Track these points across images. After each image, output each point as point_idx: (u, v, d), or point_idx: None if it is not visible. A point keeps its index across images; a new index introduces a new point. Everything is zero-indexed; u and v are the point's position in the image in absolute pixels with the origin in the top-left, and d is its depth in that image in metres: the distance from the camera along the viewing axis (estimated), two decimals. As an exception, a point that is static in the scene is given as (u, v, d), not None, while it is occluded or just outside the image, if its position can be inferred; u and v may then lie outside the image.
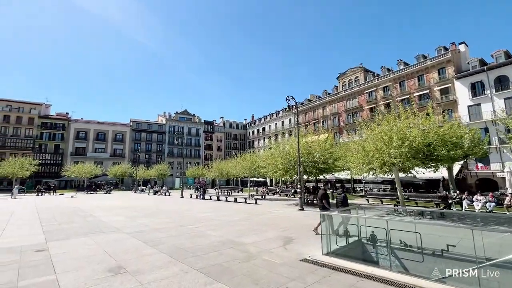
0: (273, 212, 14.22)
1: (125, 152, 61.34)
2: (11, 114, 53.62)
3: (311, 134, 20.85)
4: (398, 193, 13.84)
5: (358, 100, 50.22)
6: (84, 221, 10.78)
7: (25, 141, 53.56)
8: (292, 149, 18.06)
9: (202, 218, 11.79)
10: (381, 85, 46.23)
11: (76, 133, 57.80)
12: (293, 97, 16.50)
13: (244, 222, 10.63)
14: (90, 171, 43.07)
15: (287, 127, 65.59)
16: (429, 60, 39.80)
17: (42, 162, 51.85)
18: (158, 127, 67.58)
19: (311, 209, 15.82)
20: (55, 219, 11.54)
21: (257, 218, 12.00)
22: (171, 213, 14.00)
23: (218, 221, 11.04)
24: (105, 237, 7.73)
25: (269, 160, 19.36)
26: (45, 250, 6.19)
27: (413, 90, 41.11)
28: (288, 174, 18.49)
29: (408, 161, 12.15)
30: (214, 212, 14.19)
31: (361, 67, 51.97)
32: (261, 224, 10.09)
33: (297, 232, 8.45)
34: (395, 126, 12.71)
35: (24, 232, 8.50)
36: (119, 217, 12.00)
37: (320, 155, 17.31)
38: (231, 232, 8.49)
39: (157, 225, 9.93)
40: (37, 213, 13.60)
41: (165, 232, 8.56)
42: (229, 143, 79.19)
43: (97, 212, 14.00)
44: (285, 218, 12.00)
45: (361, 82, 51.01)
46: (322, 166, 17.40)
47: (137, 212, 14.06)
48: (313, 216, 12.57)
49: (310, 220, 11.15)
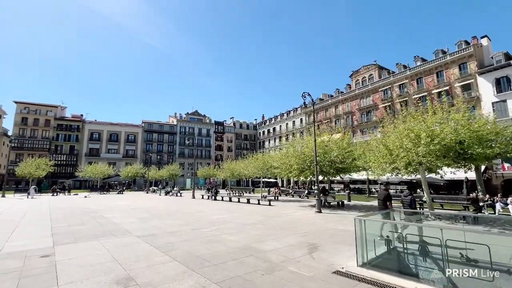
0: (289, 215, 13.48)
1: (137, 153, 62.01)
2: (29, 116, 55.19)
3: (327, 133, 19.92)
4: (426, 195, 12.80)
5: (373, 98, 48.64)
6: (94, 223, 10.42)
7: (42, 143, 55.00)
8: (308, 148, 17.25)
9: (216, 221, 11.21)
10: (397, 83, 44.55)
11: (90, 134, 58.89)
12: (309, 94, 15.72)
13: (260, 226, 9.96)
14: (103, 171, 43.59)
15: (299, 127, 64.49)
16: (449, 55, 37.91)
17: (57, 163, 53.06)
18: (169, 128, 68.02)
19: (329, 211, 14.98)
20: (66, 220, 11.25)
21: (273, 221, 11.31)
22: (183, 214, 13.51)
23: (233, 224, 10.42)
24: (115, 241, 7.25)
25: (282, 159, 18.60)
26: (51, 256, 5.73)
27: (432, 87, 39.32)
28: (303, 174, 17.69)
29: (438, 160, 11.15)
30: (228, 214, 13.59)
31: (375, 64, 50.36)
32: (278, 228, 9.39)
33: (320, 238, 7.70)
34: (423, 122, 11.72)
35: (33, 235, 8.16)
36: (130, 219, 11.59)
37: (338, 154, 16.41)
38: (249, 237, 7.84)
39: (170, 227, 9.41)
40: (49, 214, 13.43)
41: (178, 236, 8.01)
42: (239, 144, 78.82)
43: (108, 213, 13.69)
44: (303, 221, 11.24)
45: (375, 79, 49.42)
46: (340, 166, 16.49)
47: (148, 214, 13.65)
48: (333, 219, 11.76)
49: (330, 224, 10.36)
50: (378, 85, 47.56)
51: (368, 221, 5.18)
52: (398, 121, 13.65)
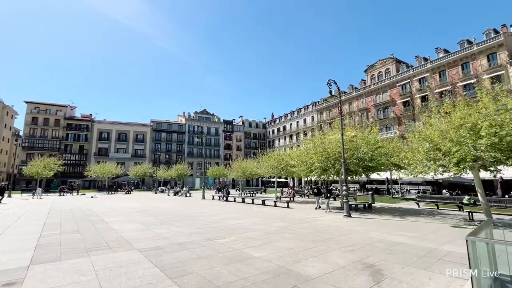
0: (316, 220, 11.64)
1: (146, 152, 61.23)
2: (39, 116, 55.10)
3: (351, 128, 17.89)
4: (480, 197, 10.70)
5: (390, 93, 46.05)
6: (91, 230, 8.86)
7: (52, 142, 54.83)
8: (332, 144, 15.33)
9: (234, 227, 9.50)
10: (417, 77, 41.87)
11: (99, 133, 58.42)
12: (334, 81, 13.83)
13: (288, 235, 8.17)
14: (111, 171, 42.69)
15: (310, 125, 62.30)
16: (476, 45, 35.09)
17: (67, 162, 52.71)
18: (178, 127, 67.02)
19: (358, 215, 13.06)
20: (60, 226, 9.76)
21: (301, 228, 9.50)
22: (194, 219, 11.86)
23: (254, 232, 8.68)
24: (109, 257, 5.61)
25: (302, 157, 16.72)
26: (16, 284, 4.12)
27: (456, 80, 36.57)
28: (326, 173, 15.78)
29: (502, 154, 9.11)
30: (245, 219, 11.86)
31: (392, 57, 47.68)
32: (313, 239, 7.58)
33: (375, 255, 5.86)
34: (483, 110, 9.67)
35: (12, 246, 6.64)
36: (133, 225, 10.01)
37: (367, 150, 14.44)
38: (281, 253, 6.07)
39: (179, 237, 7.75)
40: (45, 217, 12.04)
41: (190, 249, 6.32)
42: (248, 143, 77.17)
43: (111, 217, 12.18)
44: (337, 229, 9.39)
45: (392, 74, 46.81)
46: (369, 164, 14.50)
47: (155, 218, 12.07)
48: (370, 226, 9.84)
49: (372, 233, 8.47)
50: (395, 79, 44.97)
51: (497, 244, 3.26)
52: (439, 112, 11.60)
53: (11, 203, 19.88)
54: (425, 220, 11.74)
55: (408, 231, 8.90)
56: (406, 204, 20.62)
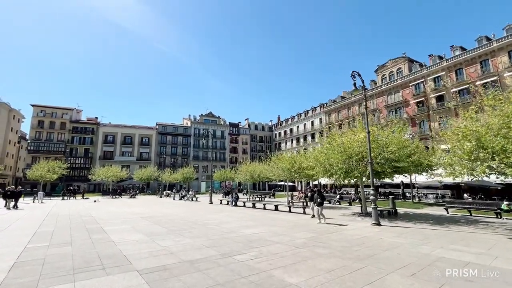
0: (344, 230, 10.15)
1: (151, 156, 60.35)
2: (45, 119, 54.79)
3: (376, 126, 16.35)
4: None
5: (402, 94, 44.33)
6: (85, 242, 7.56)
7: (58, 146, 54.35)
8: (356, 142, 13.86)
9: (251, 238, 8.10)
10: (431, 76, 40.10)
11: (105, 137, 57.82)
12: (359, 73, 12.45)
13: (321, 250, 6.73)
14: (116, 174, 41.71)
15: (318, 127, 60.70)
16: (496, 41, 33.29)
17: (72, 166, 52.09)
18: (183, 130, 66.16)
19: (388, 223, 11.52)
20: (52, 236, 8.50)
21: (331, 240, 8.05)
22: (204, 227, 10.49)
23: (277, 244, 7.26)
24: (100, 285, 4.27)
25: (321, 158, 15.24)
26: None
27: (474, 78, 34.71)
28: (348, 176, 14.26)
29: None
30: (261, 227, 10.45)
31: (404, 57, 46.01)
32: (354, 257, 6.13)
33: (452, 284, 4.39)
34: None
35: (-15, 265, 5.37)
36: (135, 235, 8.68)
37: (396, 150, 12.92)
38: (321, 276, 4.66)
39: (189, 252, 6.38)
40: (39, 225, 10.83)
41: (203, 271, 4.95)
42: (254, 146, 75.83)
43: (111, 225, 10.90)
44: (374, 241, 7.91)
45: (404, 73, 45.10)
46: (399, 164, 12.96)
47: (160, 226, 10.73)
48: (411, 237, 8.30)
49: (423, 247, 6.94)
50: (408, 79, 43.26)
51: None
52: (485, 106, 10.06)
53: (9, 208, 18.78)
54: (469, 229, 10.16)
55: (463, 244, 7.37)
56: (431, 209, 18.94)
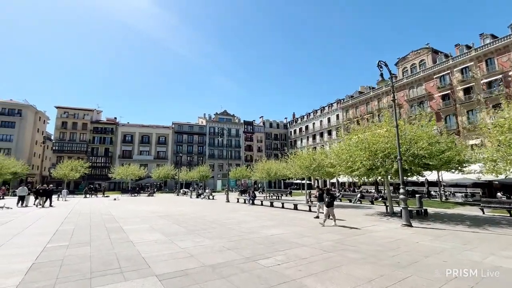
0: (370, 230, 9.42)
1: (168, 154, 61.37)
2: (68, 120, 57.02)
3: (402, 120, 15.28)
4: None
5: (425, 87, 42.02)
6: (104, 242, 7.38)
7: (80, 145, 56.47)
8: (381, 138, 12.96)
9: (274, 240, 7.59)
10: (458, 67, 37.59)
11: (123, 136, 59.39)
12: (385, 63, 11.55)
13: (352, 254, 6.10)
14: (134, 173, 42.66)
15: (334, 124, 59.07)
16: (533, 27, 30.57)
17: (94, 165, 53.96)
18: (198, 128, 66.74)
19: (419, 224, 10.61)
20: (72, 235, 8.43)
21: (361, 242, 7.38)
22: (224, 227, 10.12)
23: (304, 247, 6.71)
24: (118, 291, 3.93)
25: (343, 155, 14.43)
26: None
27: (508, 68, 32.13)
28: (373, 173, 13.39)
29: None
30: (283, 227, 9.92)
31: (427, 47, 43.49)
32: (392, 263, 5.46)
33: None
34: None
35: (3, 264, 5.23)
36: (154, 235, 8.44)
37: (427, 145, 11.91)
38: (361, 287, 4.08)
39: (210, 256, 5.98)
40: (60, 223, 10.92)
41: (227, 278, 4.51)
42: (269, 144, 75.19)
43: (130, 224, 10.78)
44: (410, 245, 7.16)
45: (428, 65, 42.67)
46: (429, 161, 11.94)
47: (179, 225, 10.48)
48: (452, 241, 7.44)
49: (468, 253, 6.11)
50: (432, 71, 40.87)
51: None
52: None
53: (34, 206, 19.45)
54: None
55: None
56: (463, 209, 17.58)
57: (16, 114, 52.68)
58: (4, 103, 52.73)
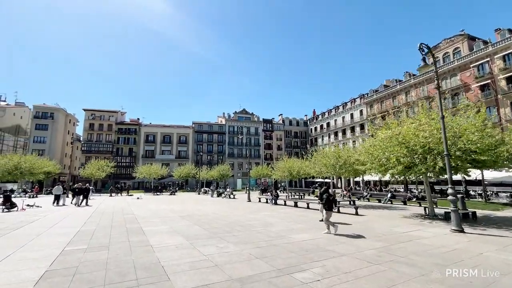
0: (415, 236, 8.20)
1: (189, 154, 62.22)
2: (95, 122, 59.59)
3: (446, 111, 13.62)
4: None
5: (460, 77, 38.65)
6: (123, 245, 6.91)
7: (106, 146, 58.85)
8: (421, 132, 11.53)
9: (307, 247, 6.69)
10: (499, 53, 34.06)
11: (146, 136, 61.05)
12: (428, 46, 10.17)
13: (406, 269, 5.06)
14: (157, 172, 43.51)
15: (358, 120, 56.45)
16: None
17: (119, 164, 55.95)
18: (218, 127, 67.01)
19: (473, 230, 9.16)
20: (92, 236, 8.11)
21: (409, 252, 6.26)
22: (248, 229, 9.39)
23: (343, 258, 5.76)
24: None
25: (375, 152, 13.14)
26: None
27: (561, 52, 28.45)
28: (411, 172, 11.99)
29: None
30: (313, 232, 8.97)
31: (463, 34, 39.93)
32: (465, 285, 4.38)
33: None
34: None
35: (16, 271, 4.84)
36: (175, 238, 7.88)
37: (477, 138, 10.36)
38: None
39: (236, 264, 5.24)
40: (83, 223, 10.80)
41: (259, 298, 3.72)
42: (289, 142, 73.80)
43: (150, 225, 10.38)
44: (471, 256, 5.94)
45: (463, 53, 39.18)
46: (481, 157, 10.38)
47: (200, 227, 9.91)
48: None
49: None
50: (469, 59, 37.43)
51: None
52: None
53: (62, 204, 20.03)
54: None
55: None
56: (504, 211, 15.53)
57: (49, 117, 55.91)
58: (39, 107, 56.17)
